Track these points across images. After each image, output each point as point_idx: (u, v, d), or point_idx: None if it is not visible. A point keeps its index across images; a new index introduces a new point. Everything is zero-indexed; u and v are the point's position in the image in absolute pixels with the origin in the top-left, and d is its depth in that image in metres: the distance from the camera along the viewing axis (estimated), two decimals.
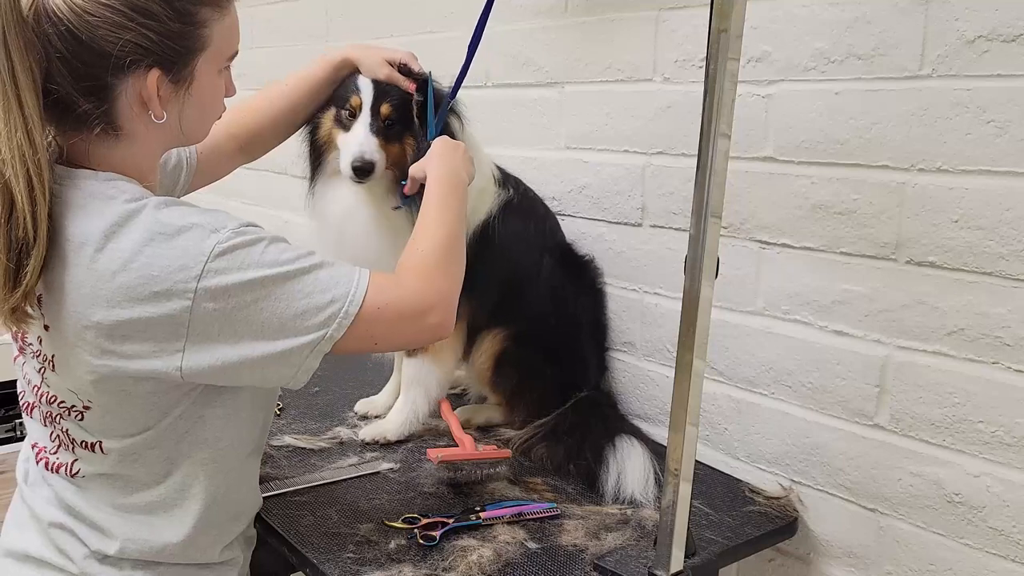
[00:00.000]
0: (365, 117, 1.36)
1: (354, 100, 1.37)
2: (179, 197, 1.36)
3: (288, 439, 1.48)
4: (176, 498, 1.07)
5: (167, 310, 0.95)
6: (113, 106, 0.99)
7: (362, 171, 1.33)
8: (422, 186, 1.26)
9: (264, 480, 1.32)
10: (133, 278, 0.94)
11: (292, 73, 1.44)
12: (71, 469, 1.07)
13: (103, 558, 1.06)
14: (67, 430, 1.06)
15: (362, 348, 1.05)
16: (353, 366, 1.79)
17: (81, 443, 1.05)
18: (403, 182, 1.34)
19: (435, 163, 1.26)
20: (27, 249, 0.94)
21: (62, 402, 1.05)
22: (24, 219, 0.93)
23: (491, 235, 1.46)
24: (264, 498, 1.26)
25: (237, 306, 0.96)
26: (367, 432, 1.49)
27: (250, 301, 0.97)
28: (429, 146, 1.32)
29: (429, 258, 1.11)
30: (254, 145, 1.45)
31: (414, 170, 1.29)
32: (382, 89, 1.37)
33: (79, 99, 0.97)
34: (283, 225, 2.59)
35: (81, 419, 1.04)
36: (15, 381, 1.15)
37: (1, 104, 0.92)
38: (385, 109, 1.36)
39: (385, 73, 1.37)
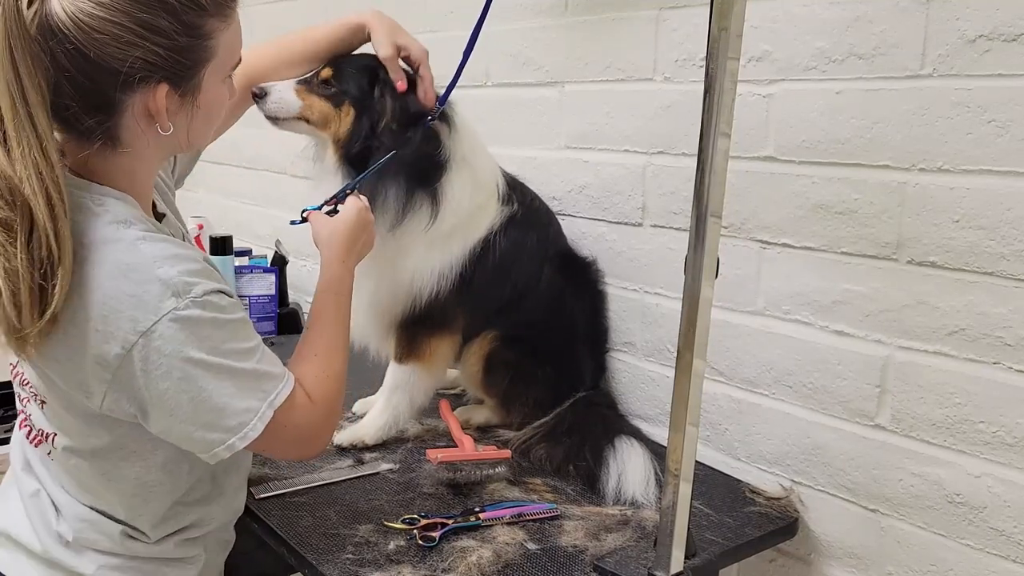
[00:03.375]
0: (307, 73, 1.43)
1: None
2: (194, 158, 1.39)
3: None
4: (127, 502, 1.08)
5: (102, 351, 0.95)
6: (118, 121, 0.99)
7: (255, 95, 1.39)
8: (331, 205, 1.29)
9: (263, 480, 1.32)
10: (82, 306, 0.94)
11: (308, 27, 1.44)
12: (45, 448, 1.10)
13: (66, 544, 1.08)
14: (30, 415, 1.09)
15: (253, 451, 1.07)
16: (352, 366, 1.78)
17: (39, 431, 1.08)
18: (304, 211, 1.31)
19: (337, 253, 1.20)
20: (52, 268, 0.92)
21: (32, 387, 1.07)
22: (47, 237, 0.91)
23: (492, 251, 1.46)
24: (263, 498, 1.26)
25: (163, 376, 0.96)
26: (344, 436, 1.47)
27: (176, 378, 0.96)
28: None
29: (334, 385, 1.13)
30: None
31: (317, 232, 1.24)
32: (337, 57, 1.42)
33: (84, 115, 0.96)
34: (283, 225, 2.59)
35: (43, 408, 1.06)
36: None
37: (13, 123, 0.90)
38: (325, 72, 1.40)
39: (386, 53, 1.36)
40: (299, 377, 1.09)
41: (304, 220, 1.31)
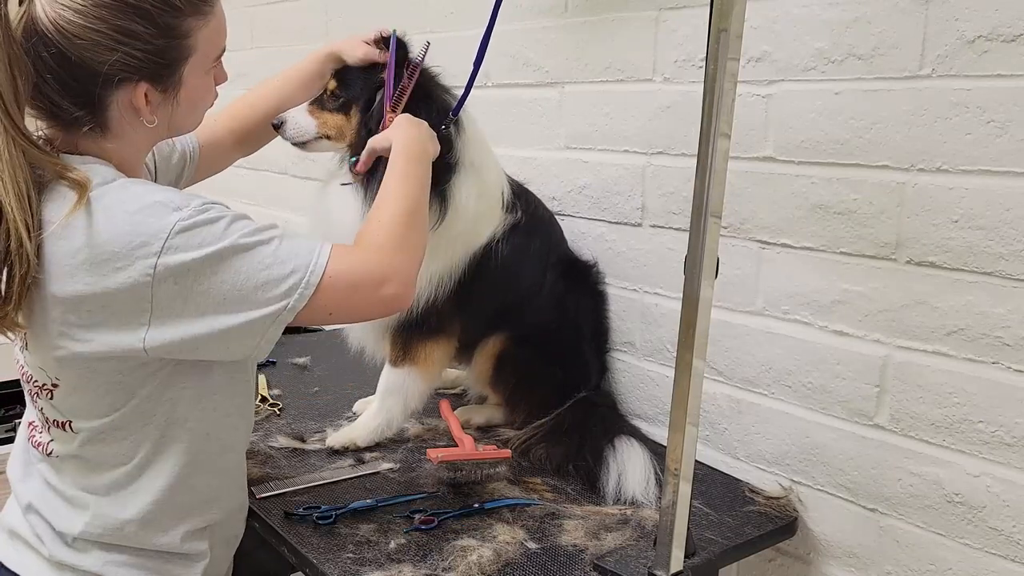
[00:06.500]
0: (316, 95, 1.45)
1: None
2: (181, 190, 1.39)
3: (287, 439, 1.48)
4: (137, 474, 1.09)
5: (129, 284, 0.96)
6: (105, 114, 1.04)
7: (275, 126, 1.42)
8: (376, 163, 1.30)
9: (264, 480, 1.32)
10: (96, 253, 0.96)
11: (284, 69, 1.48)
12: (47, 449, 1.11)
13: (72, 540, 1.09)
14: (42, 408, 1.10)
15: (318, 319, 1.07)
16: (353, 367, 1.79)
17: (53, 422, 1.08)
18: (354, 159, 1.37)
19: (398, 134, 1.27)
20: (17, 260, 0.96)
21: (36, 380, 1.08)
22: (13, 231, 0.95)
23: (493, 258, 1.46)
24: (264, 498, 1.27)
25: (198, 280, 0.98)
26: (336, 439, 1.46)
27: (211, 274, 0.99)
28: (381, 110, 1.35)
29: (388, 230, 1.13)
30: (251, 139, 1.49)
31: (375, 142, 1.30)
32: (337, 71, 1.43)
33: (72, 108, 1.01)
34: (283, 225, 2.60)
35: (51, 397, 1.06)
36: (16, 381, 1.16)
37: None
38: (331, 84, 1.42)
39: (361, 53, 1.40)
40: (361, 230, 1.14)
41: (359, 174, 1.36)
